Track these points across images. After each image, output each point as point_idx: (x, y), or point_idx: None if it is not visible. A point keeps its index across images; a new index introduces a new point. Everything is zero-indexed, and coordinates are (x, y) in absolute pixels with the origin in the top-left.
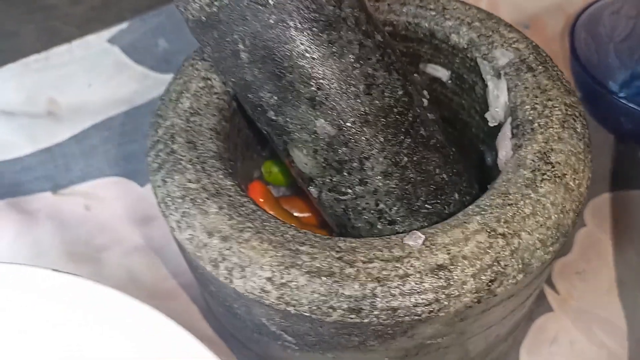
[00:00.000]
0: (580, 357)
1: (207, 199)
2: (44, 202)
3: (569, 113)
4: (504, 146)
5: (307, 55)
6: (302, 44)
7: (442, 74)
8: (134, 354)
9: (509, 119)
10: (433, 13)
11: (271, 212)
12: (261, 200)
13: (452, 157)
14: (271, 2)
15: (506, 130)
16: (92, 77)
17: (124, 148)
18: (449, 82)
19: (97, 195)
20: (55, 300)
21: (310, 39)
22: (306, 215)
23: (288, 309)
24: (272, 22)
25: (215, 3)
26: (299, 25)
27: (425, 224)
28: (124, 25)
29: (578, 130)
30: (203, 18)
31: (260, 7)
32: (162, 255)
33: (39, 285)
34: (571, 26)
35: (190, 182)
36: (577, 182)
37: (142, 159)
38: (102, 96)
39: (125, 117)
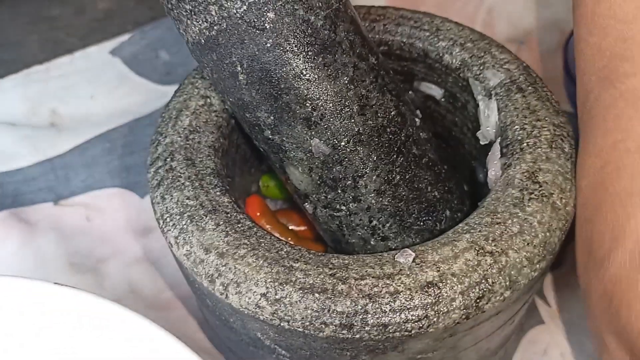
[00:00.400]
0: None
1: (205, 215)
2: (45, 213)
3: (557, 133)
4: (494, 165)
5: (303, 77)
6: (298, 66)
7: (436, 92)
8: None
9: (499, 139)
10: (427, 34)
11: (268, 226)
12: (258, 214)
13: (444, 174)
14: (268, 27)
15: (495, 150)
16: (94, 88)
17: (125, 160)
18: (443, 100)
19: (98, 206)
20: (55, 313)
21: (306, 62)
22: (302, 228)
23: (282, 324)
24: (269, 45)
25: (214, 27)
26: (295, 49)
27: (418, 240)
28: (125, 37)
29: (566, 150)
30: (202, 41)
31: (258, 32)
32: (160, 267)
33: (40, 298)
34: (564, 43)
35: (188, 199)
36: (564, 201)
37: (143, 170)
38: (104, 108)
39: (126, 129)
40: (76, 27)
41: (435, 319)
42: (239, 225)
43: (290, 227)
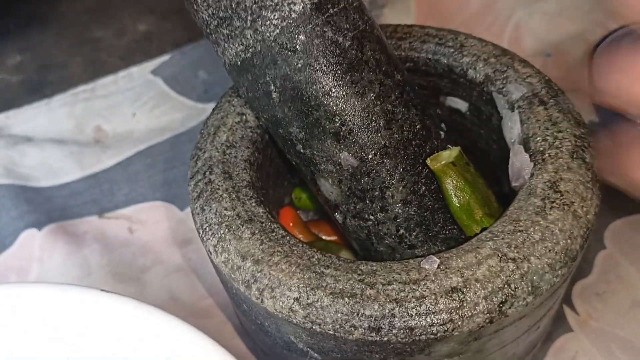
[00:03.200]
0: None
1: (241, 225)
2: (90, 225)
3: (578, 144)
4: (516, 160)
5: (332, 94)
6: (327, 84)
7: (461, 105)
8: None
9: (518, 149)
10: (451, 50)
11: (300, 236)
12: (291, 224)
13: None
14: (299, 48)
15: (514, 161)
16: (136, 107)
17: (166, 174)
18: (468, 113)
19: (140, 218)
20: (101, 318)
21: (335, 80)
22: (333, 238)
23: (314, 327)
24: (300, 66)
25: (250, 50)
26: (324, 68)
27: (444, 248)
28: (165, 58)
29: (587, 160)
30: (238, 62)
31: (290, 53)
32: (199, 275)
33: (87, 304)
34: (590, 55)
35: (226, 209)
36: (584, 209)
37: (183, 184)
38: (146, 125)
39: (167, 145)
40: (117, 49)
41: (460, 323)
42: (273, 234)
43: (321, 237)
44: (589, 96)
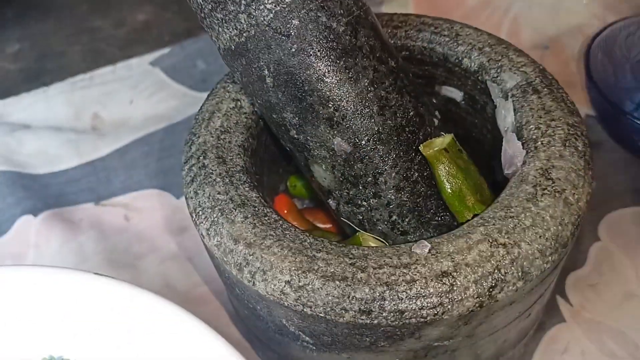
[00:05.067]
0: None
1: (234, 209)
2: (87, 213)
3: (571, 132)
4: (506, 161)
5: (326, 80)
6: (320, 70)
7: (456, 94)
8: (167, 353)
9: (508, 128)
10: (447, 39)
11: (295, 223)
12: (286, 211)
13: None
14: (293, 33)
15: (507, 148)
16: (133, 94)
17: (162, 162)
18: (462, 102)
19: (136, 206)
20: (96, 301)
21: (328, 65)
22: (327, 226)
23: (305, 310)
24: (294, 50)
25: (244, 34)
26: (318, 54)
27: (436, 234)
28: (165, 50)
29: (579, 148)
30: (232, 47)
31: (284, 38)
32: (194, 263)
33: (82, 287)
34: (587, 48)
35: (219, 194)
36: (576, 197)
37: (179, 172)
38: (143, 113)
39: (164, 133)
40: (116, 38)
41: (449, 307)
42: (266, 218)
43: (316, 225)
44: (585, 89)
